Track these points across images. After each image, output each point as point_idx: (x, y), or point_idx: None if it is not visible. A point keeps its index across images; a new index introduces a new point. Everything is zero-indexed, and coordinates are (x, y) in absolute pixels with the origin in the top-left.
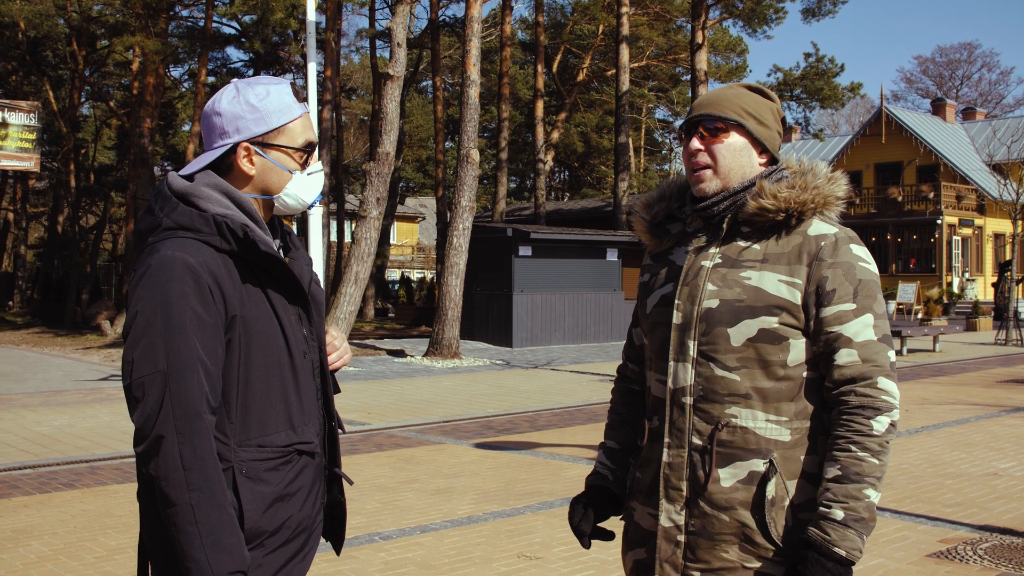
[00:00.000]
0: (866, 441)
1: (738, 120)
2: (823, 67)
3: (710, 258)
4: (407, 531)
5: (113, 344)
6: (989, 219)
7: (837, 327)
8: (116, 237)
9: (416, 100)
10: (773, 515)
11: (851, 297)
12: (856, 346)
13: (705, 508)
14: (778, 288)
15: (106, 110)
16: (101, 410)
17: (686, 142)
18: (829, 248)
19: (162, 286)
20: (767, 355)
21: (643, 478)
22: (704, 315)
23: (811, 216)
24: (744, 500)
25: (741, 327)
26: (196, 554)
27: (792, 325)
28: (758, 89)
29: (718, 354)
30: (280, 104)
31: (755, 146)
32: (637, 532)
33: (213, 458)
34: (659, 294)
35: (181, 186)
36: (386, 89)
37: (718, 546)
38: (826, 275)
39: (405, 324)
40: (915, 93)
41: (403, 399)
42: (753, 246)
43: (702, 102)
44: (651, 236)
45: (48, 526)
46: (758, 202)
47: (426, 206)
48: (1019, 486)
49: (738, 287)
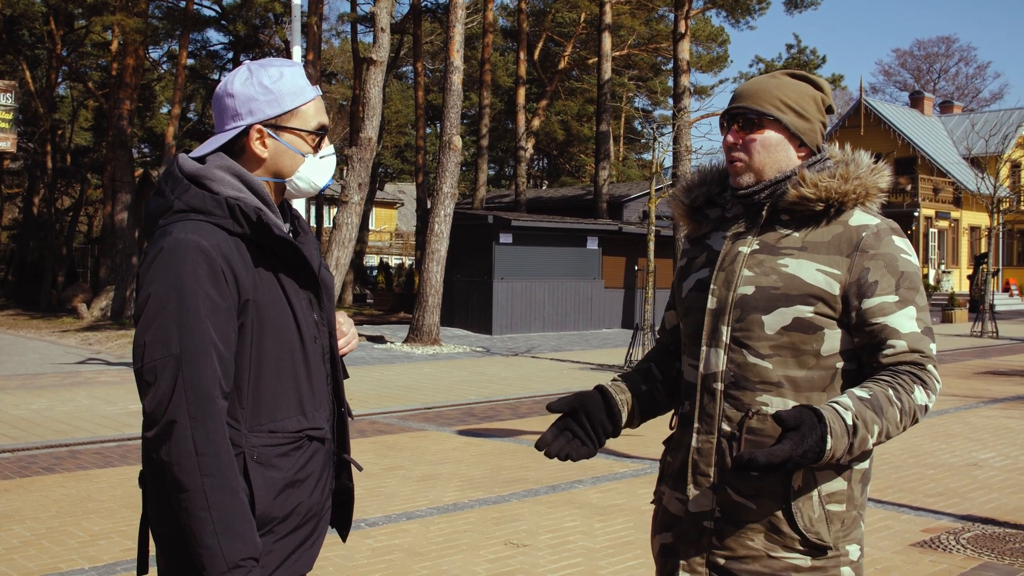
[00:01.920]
0: (902, 395)
1: (775, 115)
2: (805, 58)
3: (748, 244)
4: (393, 518)
5: (90, 327)
6: (965, 212)
7: (881, 319)
8: (92, 219)
9: (396, 85)
10: (800, 505)
11: (894, 289)
12: (903, 336)
13: (732, 495)
14: (815, 277)
15: (84, 91)
16: (79, 393)
17: (724, 132)
18: (871, 239)
19: (175, 269)
20: (801, 344)
21: (673, 462)
22: (739, 301)
23: (852, 207)
24: (771, 489)
25: (776, 315)
26: (208, 540)
27: (827, 315)
28: (804, 77)
29: (751, 341)
30: (294, 86)
31: (792, 140)
32: (666, 516)
33: (226, 443)
34: (695, 278)
35: (193, 168)
36: (368, 74)
37: (744, 534)
38: (868, 266)
39: (384, 310)
40: (893, 86)
41: (384, 385)
42: (792, 234)
43: (742, 92)
44: (690, 220)
45: (30, 511)
46: (799, 191)
47: (405, 192)
48: (999, 476)
49: (775, 274)
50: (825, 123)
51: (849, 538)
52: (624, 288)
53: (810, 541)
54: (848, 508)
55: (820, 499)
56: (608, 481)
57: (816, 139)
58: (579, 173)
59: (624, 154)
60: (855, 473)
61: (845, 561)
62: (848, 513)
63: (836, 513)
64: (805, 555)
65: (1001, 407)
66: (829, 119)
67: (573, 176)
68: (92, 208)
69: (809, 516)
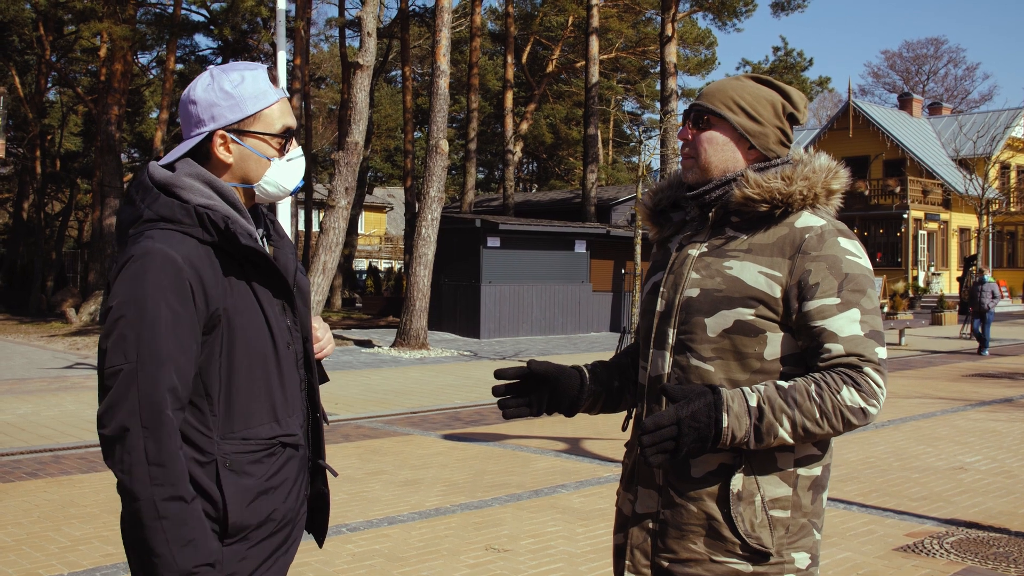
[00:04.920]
0: (826, 393)
1: (723, 114)
2: (792, 61)
3: (697, 247)
4: (374, 523)
5: (79, 332)
6: (955, 214)
7: (820, 321)
8: (82, 224)
9: (385, 89)
10: (740, 509)
11: (835, 291)
12: (841, 340)
13: (675, 498)
14: (756, 279)
15: (73, 96)
16: (66, 398)
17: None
18: (814, 240)
19: (140, 278)
20: (743, 347)
21: (628, 463)
22: (684, 304)
23: (799, 208)
24: (712, 492)
25: (718, 317)
26: (160, 548)
27: (769, 318)
28: (769, 82)
29: (695, 344)
30: (255, 90)
31: (740, 142)
32: (620, 517)
33: (178, 453)
34: (652, 282)
35: (163, 176)
36: (356, 79)
37: (686, 536)
38: (809, 268)
39: (372, 314)
40: (882, 88)
41: (370, 390)
42: (740, 236)
43: (703, 90)
44: (653, 224)
45: (11, 516)
46: (743, 191)
47: (394, 196)
48: (984, 480)
49: (719, 277)
50: (784, 129)
51: (796, 546)
52: (612, 291)
53: (751, 546)
54: (794, 515)
55: (763, 504)
56: (591, 486)
57: (767, 143)
58: (568, 176)
59: (613, 157)
60: (802, 479)
61: (790, 569)
62: (794, 520)
63: (780, 519)
64: (746, 560)
65: (988, 410)
66: (798, 128)
67: (561, 179)
68: (82, 213)
69: (751, 521)
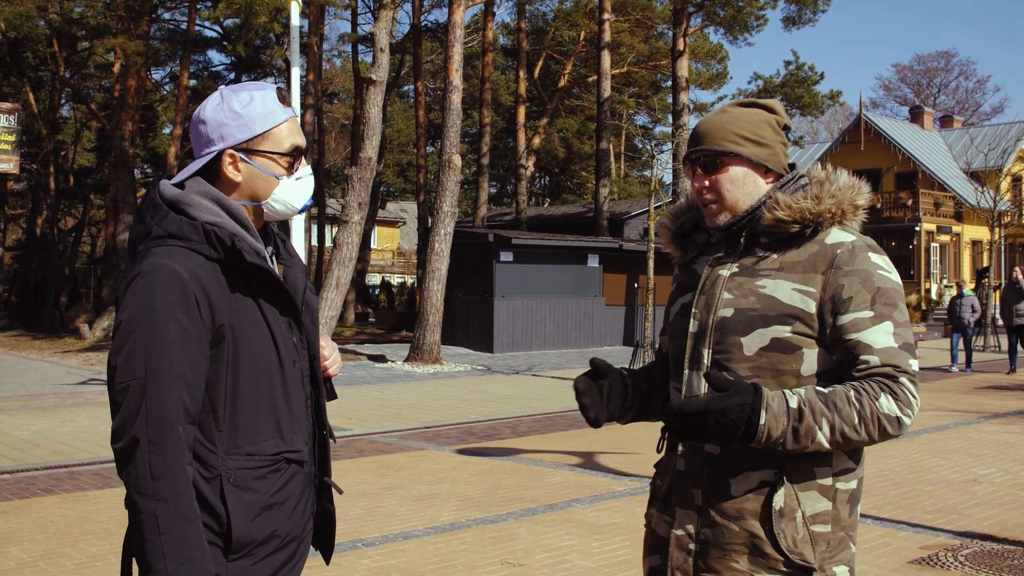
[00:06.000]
0: (864, 399)
1: (734, 150)
2: (803, 75)
3: (728, 268)
4: (390, 537)
5: (92, 348)
6: (967, 226)
7: (855, 334)
8: (95, 240)
9: (397, 104)
10: (783, 526)
11: (869, 305)
12: (877, 352)
13: (716, 517)
14: (791, 297)
15: (86, 112)
16: (80, 414)
17: (690, 177)
18: (846, 256)
19: (148, 294)
20: (780, 364)
21: (662, 485)
22: (719, 324)
23: (829, 225)
24: (754, 510)
25: (754, 336)
26: (156, 564)
27: (805, 334)
28: (752, 103)
29: (731, 363)
30: (264, 110)
31: (757, 169)
32: (654, 539)
33: (184, 469)
34: (680, 303)
35: (172, 194)
36: (368, 94)
37: (728, 555)
38: (842, 283)
39: (386, 329)
40: (893, 101)
41: (384, 404)
42: (771, 256)
43: (696, 135)
44: (676, 246)
45: (27, 532)
46: (774, 214)
47: (407, 211)
48: (998, 492)
49: (753, 296)
50: (785, 143)
51: (836, 559)
52: (625, 305)
53: (794, 563)
54: (834, 529)
55: (804, 520)
56: (606, 500)
57: (780, 161)
58: (580, 190)
59: (625, 171)
60: (840, 493)
61: None
62: (834, 534)
63: (821, 534)
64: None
65: (1002, 422)
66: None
67: (574, 193)
68: (95, 229)
69: (793, 537)
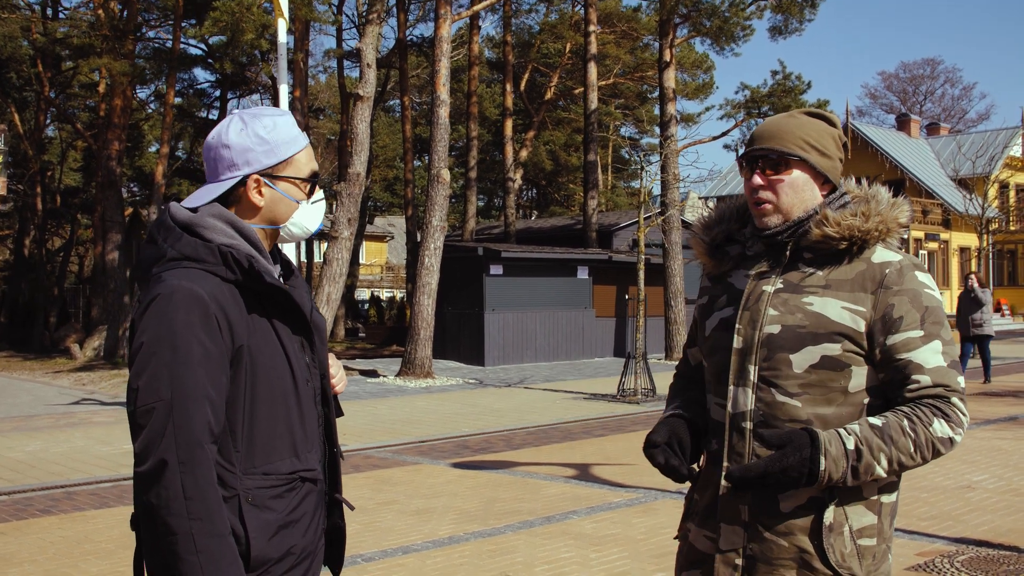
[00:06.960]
0: (919, 427)
1: (801, 155)
2: (790, 84)
3: (772, 283)
4: (389, 552)
5: (83, 368)
6: (955, 233)
7: (906, 354)
8: (83, 260)
9: (384, 119)
10: (832, 541)
11: (919, 324)
12: (928, 372)
13: (764, 533)
14: (841, 315)
15: (72, 132)
16: (74, 434)
17: (747, 175)
18: (894, 275)
19: (168, 316)
20: (829, 381)
21: (700, 499)
22: (765, 340)
23: (874, 243)
24: (803, 526)
25: (804, 353)
26: None
27: (855, 352)
28: (820, 115)
29: (780, 379)
30: (288, 136)
31: (817, 178)
32: (692, 553)
33: (214, 488)
34: (718, 317)
35: (185, 217)
36: (356, 110)
37: (776, 570)
38: (892, 302)
39: (376, 344)
40: (879, 109)
41: (377, 419)
42: (816, 272)
43: (763, 134)
44: (709, 258)
45: (27, 553)
46: (822, 230)
47: (395, 225)
48: (992, 498)
49: (800, 313)
50: (843, 159)
51: (879, 572)
52: (615, 317)
53: None
54: (879, 542)
55: (851, 534)
56: (602, 511)
57: (838, 176)
58: (568, 203)
59: (612, 183)
60: (884, 507)
61: None
62: (879, 547)
63: (867, 547)
64: None
65: (994, 428)
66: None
67: (562, 206)
68: (83, 248)
69: (841, 551)
